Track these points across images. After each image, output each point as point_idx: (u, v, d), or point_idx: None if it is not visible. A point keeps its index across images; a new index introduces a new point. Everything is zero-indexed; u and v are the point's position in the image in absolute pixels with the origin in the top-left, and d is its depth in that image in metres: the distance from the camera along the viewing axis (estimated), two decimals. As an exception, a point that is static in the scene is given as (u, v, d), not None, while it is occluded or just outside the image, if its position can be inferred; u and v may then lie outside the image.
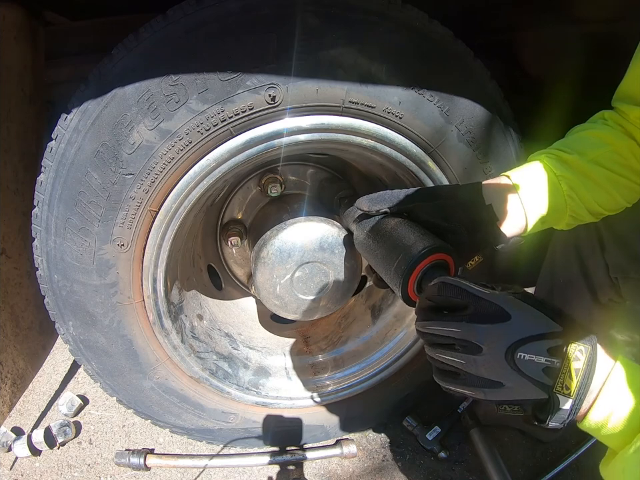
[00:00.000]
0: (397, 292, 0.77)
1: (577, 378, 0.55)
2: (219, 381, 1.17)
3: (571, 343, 0.56)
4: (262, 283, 1.11)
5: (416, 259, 0.72)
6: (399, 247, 0.77)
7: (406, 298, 0.75)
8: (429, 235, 0.78)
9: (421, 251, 0.73)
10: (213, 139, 0.83)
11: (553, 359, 0.56)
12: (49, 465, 1.28)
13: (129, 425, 1.41)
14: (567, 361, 0.56)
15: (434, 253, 0.73)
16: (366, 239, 0.88)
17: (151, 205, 0.86)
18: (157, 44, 0.77)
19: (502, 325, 0.58)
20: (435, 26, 0.87)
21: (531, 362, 0.56)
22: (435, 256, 0.73)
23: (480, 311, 0.59)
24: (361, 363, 1.30)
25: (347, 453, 1.32)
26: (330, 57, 0.80)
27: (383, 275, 0.83)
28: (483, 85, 0.95)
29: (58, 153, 0.81)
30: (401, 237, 0.79)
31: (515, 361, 0.56)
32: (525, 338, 0.56)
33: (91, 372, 1.05)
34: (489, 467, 1.25)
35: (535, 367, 0.56)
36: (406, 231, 0.80)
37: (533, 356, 0.56)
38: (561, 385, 0.56)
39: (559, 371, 0.56)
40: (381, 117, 0.88)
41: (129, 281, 0.93)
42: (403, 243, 0.77)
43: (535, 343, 0.56)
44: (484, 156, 0.99)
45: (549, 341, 0.56)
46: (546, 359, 0.56)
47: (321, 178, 1.33)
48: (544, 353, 0.56)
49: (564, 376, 0.56)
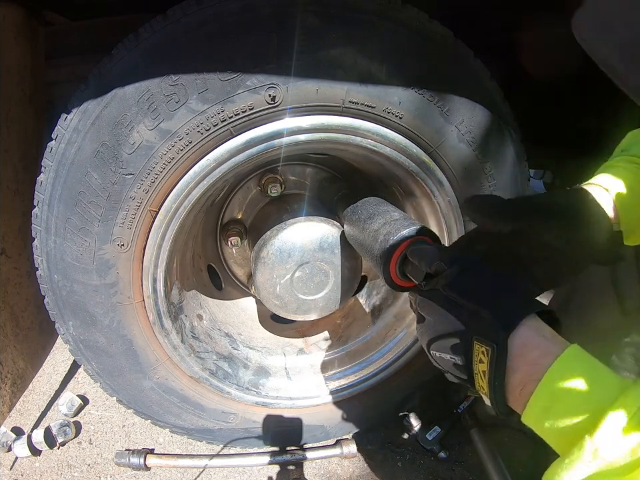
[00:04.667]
0: (381, 276, 0.82)
1: (486, 379, 0.52)
2: (219, 380, 1.17)
3: (474, 342, 0.53)
4: (262, 283, 1.11)
5: (394, 245, 0.79)
6: (379, 234, 0.84)
7: (390, 282, 0.81)
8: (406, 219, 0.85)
9: (397, 237, 0.79)
10: (213, 139, 0.83)
11: (455, 357, 0.56)
12: (49, 464, 1.27)
13: (128, 425, 1.41)
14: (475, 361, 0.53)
15: (411, 237, 0.79)
16: (351, 229, 0.92)
17: (151, 205, 0.86)
18: (157, 44, 0.77)
19: (421, 325, 0.63)
20: (435, 26, 0.87)
21: (441, 359, 0.59)
22: (412, 239, 0.79)
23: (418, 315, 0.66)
24: (361, 362, 1.30)
25: (347, 453, 1.32)
26: (330, 57, 0.80)
27: (368, 262, 0.88)
28: (483, 85, 0.95)
29: (58, 153, 0.81)
30: (379, 225, 0.86)
31: (432, 357, 0.61)
32: (433, 338, 0.60)
33: (91, 372, 1.05)
34: (489, 467, 1.25)
35: (446, 364, 0.58)
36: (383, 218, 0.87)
37: (440, 353, 0.59)
38: (477, 385, 0.54)
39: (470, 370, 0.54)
40: (381, 117, 0.88)
41: (129, 280, 0.93)
42: (382, 230, 0.84)
43: (440, 341, 0.59)
44: (484, 156, 0.99)
45: (450, 340, 0.57)
46: (450, 356, 0.57)
47: (320, 178, 1.33)
48: (447, 351, 0.57)
49: (477, 376, 0.54)
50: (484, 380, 0.52)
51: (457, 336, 0.55)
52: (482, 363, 0.52)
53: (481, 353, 0.52)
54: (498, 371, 0.50)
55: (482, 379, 0.52)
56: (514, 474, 1.23)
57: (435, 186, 1.00)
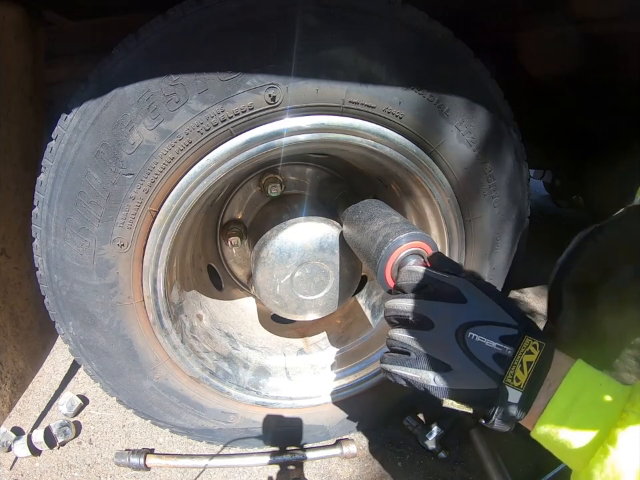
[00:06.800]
0: (375, 278, 0.82)
1: (528, 370, 0.53)
2: (219, 380, 1.17)
3: (525, 336, 0.54)
4: (262, 283, 1.11)
5: (391, 247, 0.78)
6: (377, 235, 0.84)
7: (383, 283, 0.80)
8: (407, 224, 0.84)
9: (395, 240, 0.79)
10: (213, 139, 0.83)
11: (504, 346, 0.54)
12: (49, 464, 1.27)
13: (128, 425, 1.41)
14: (520, 352, 0.53)
15: (410, 241, 0.79)
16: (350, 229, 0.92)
17: (151, 205, 0.86)
18: (157, 44, 0.76)
19: (457, 305, 0.58)
20: (434, 26, 0.87)
21: (480, 344, 0.55)
22: (411, 244, 0.79)
23: (438, 291, 0.61)
24: (361, 362, 1.30)
25: (347, 453, 1.31)
26: (330, 57, 0.80)
27: (365, 263, 0.88)
28: (483, 85, 0.95)
29: (58, 153, 0.81)
30: (379, 226, 0.86)
31: (465, 340, 0.55)
32: (478, 321, 0.56)
33: (91, 372, 1.05)
34: (489, 467, 1.24)
35: (484, 351, 0.55)
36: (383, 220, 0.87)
37: (484, 339, 0.55)
38: (511, 377, 0.53)
39: (511, 360, 0.54)
40: (381, 117, 0.88)
41: (129, 281, 0.93)
42: (381, 232, 0.83)
43: (486, 327, 0.56)
44: (484, 156, 0.99)
45: (503, 329, 0.55)
46: (497, 344, 0.54)
47: (320, 178, 1.33)
48: (495, 339, 0.55)
49: (515, 367, 0.53)
50: (524, 371, 0.53)
51: (512, 327, 0.55)
52: (530, 354, 0.53)
53: (532, 346, 0.53)
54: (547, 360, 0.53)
55: (523, 370, 0.53)
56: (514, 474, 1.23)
57: (434, 186, 1.00)
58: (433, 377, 0.57)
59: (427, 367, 0.57)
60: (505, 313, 0.57)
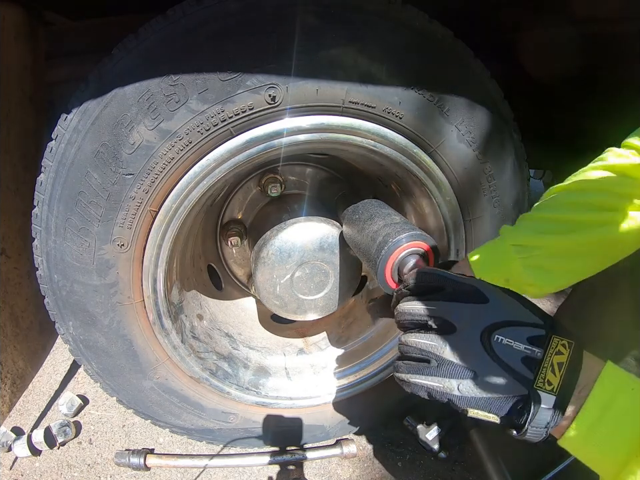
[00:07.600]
0: (375, 278, 0.81)
1: (560, 372, 0.49)
2: (219, 380, 1.17)
3: (553, 336, 0.51)
4: (262, 283, 1.11)
5: (392, 247, 0.78)
6: (378, 235, 0.83)
7: (383, 284, 0.80)
8: (407, 224, 0.83)
9: (396, 240, 0.78)
10: (213, 139, 0.83)
11: (533, 348, 0.50)
12: (49, 464, 1.27)
13: (128, 425, 1.41)
14: (550, 353, 0.50)
15: (410, 241, 0.78)
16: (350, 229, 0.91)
17: (151, 205, 0.86)
18: (157, 44, 0.76)
19: (479, 305, 0.54)
20: (435, 26, 0.87)
21: (508, 347, 0.51)
22: (411, 244, 0.78)
23: (457, 292, 0.56)
24: (361, 362, 1.30)
25: (347, 453, 1.32)
26: (330, 57, 0.80)
27: (365, 263, 0.87)
28: (483, 85, 0.94)
29: (58, 153, 0.81)
30: (379, 226, 0.85)
31: (491, 344, 0.51)
32: (503, 321, 0.52)
33: (91, 372, 1.05)
34: (489, 467, 1.24)
35: (513, 354, 0.51)
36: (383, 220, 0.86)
37: (511, 341, 0.51)
38: (542, 380, 0.49)
39: (541, 363, 0.50)
40: (381, 116, 0.88)
41: (129, 281, 0.93)
42: (381, 231, 0.83)
43: (513, 329, 0.52)
44: (484, 156, 0.99)
45: (530, 329, 0.52)
46: (525, 346, 0.50)
47: (320, 178, 1.33)
48: (523, 340, 0.51)
49: (546, 370, 0.49)
50: (557, 373, 0.49)
51: (539, 327, 0.52)
52: (560, 355, 0.50)
53: (561, 346, 0.50)
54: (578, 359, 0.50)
55: (554, 372, 0.49)
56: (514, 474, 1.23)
57: (434, 186, 1.00)
58: (456, 385, 0.53)
59: (451, 375, 0.53)
60: (528, 312, 0.53)
